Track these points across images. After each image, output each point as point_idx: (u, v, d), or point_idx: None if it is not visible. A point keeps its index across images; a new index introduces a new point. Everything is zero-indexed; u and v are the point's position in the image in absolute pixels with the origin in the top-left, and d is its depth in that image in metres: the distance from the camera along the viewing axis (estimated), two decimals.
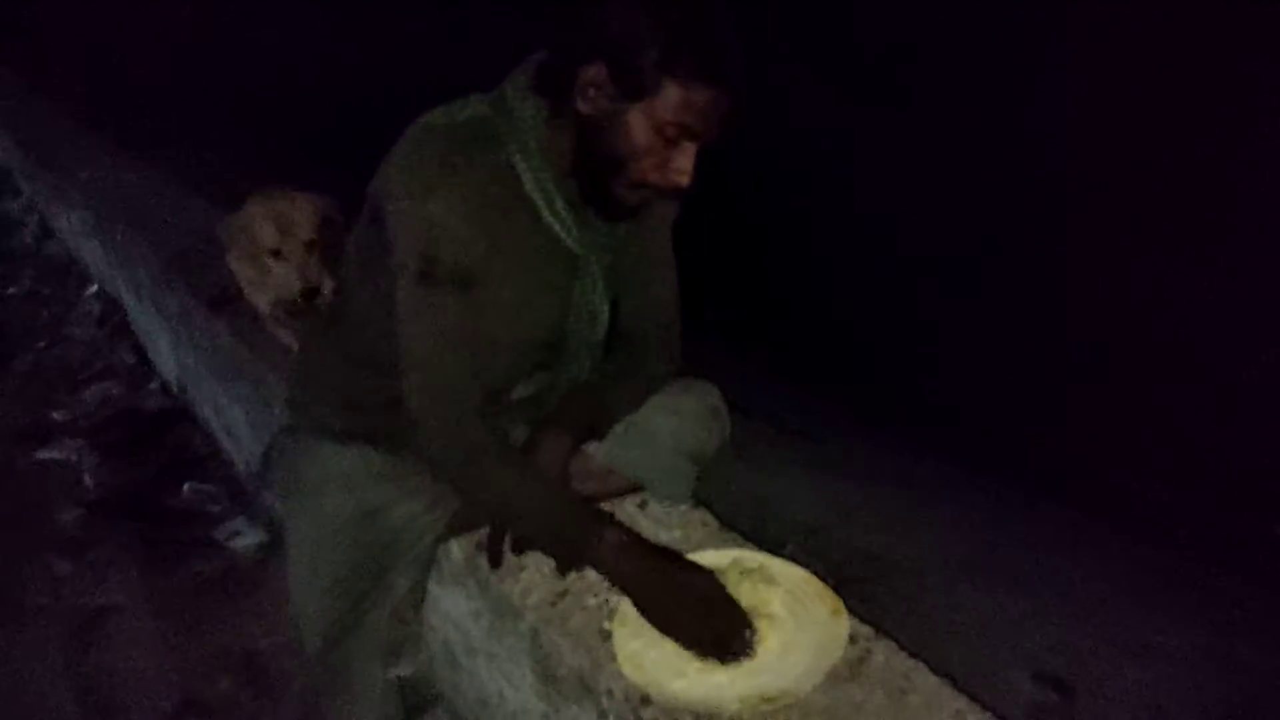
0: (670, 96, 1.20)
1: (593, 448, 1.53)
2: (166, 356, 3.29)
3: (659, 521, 1.58)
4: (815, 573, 1.42)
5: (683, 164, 1.26)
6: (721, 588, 1.33)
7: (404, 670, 1.60)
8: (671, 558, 1.36)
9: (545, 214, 1.35)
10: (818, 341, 4.12)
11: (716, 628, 1.28)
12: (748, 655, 1.27)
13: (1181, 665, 2.25)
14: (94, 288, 4.09)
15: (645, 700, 1.23)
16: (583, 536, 1.34)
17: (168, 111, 5.64)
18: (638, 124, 1.23)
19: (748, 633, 1.29)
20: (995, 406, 3.50)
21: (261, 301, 2.21)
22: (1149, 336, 3.79)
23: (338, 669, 1.54)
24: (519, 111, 1.32)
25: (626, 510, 1.61)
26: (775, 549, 1.54)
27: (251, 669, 2.21)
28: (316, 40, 7.60)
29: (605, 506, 1.59)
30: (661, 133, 1.23)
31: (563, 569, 1.45)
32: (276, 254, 2.07)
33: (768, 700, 1.20)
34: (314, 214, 2.07)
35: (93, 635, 2.33)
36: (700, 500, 1.66)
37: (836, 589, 1.40)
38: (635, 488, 1.61)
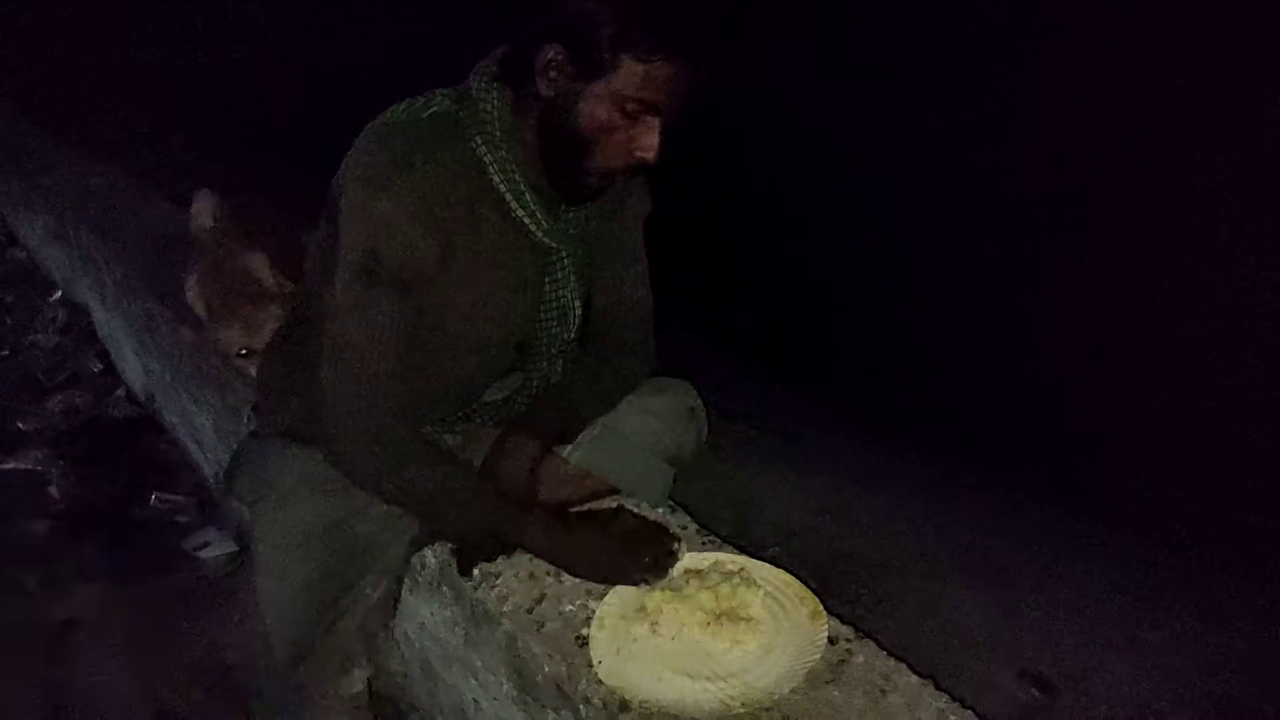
0: (628, 72, 1.20)
1: (566, 452, 1.51)
2: (132, 364, 3.23)
3: None
4: (797, 574, 1.41)
5: (647, 140, 1.25)
6: (636, 519, 1.41)
7: (356, 688, 1.57)
8: (584, 517, 1.44)
9: (513, 206, 1.33)
10: (800, 341, 4.13)
11: (644, 554, 1.35)
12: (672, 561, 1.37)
13: (1166, 659, 2.25)
14: (58, 294, 4.01)
15: (624, 706, 1.21)
16: (512, 526, 1.36)
17: (131, 114, 5.56)
18: (598, 102, 1.22)
19: (676, 545, 1.39)
20: (979, 404, 3.51)
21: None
22: (1131, 331, 3.81)
23: (306, 679, 1.50)
24: (483, 102, 1.30)
25: None
26: (758, 551, 1.52)
27: (224, 680, 2.16)
28: (283, 39, 7.54)
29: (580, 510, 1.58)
30: (623, 109, 1.22)
31: (472, 562, 1.45)
32: (247, 354, 2.03)
33: (747, 703, 1.18)
34: (279, 315, 2.01)
35: (61, 649, 2.27)
36: (679, 503, 1.63)
37: (818, 590, 1.38)
38: (611, 491, 1.58)
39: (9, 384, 3.48)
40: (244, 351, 1.96)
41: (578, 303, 1.47)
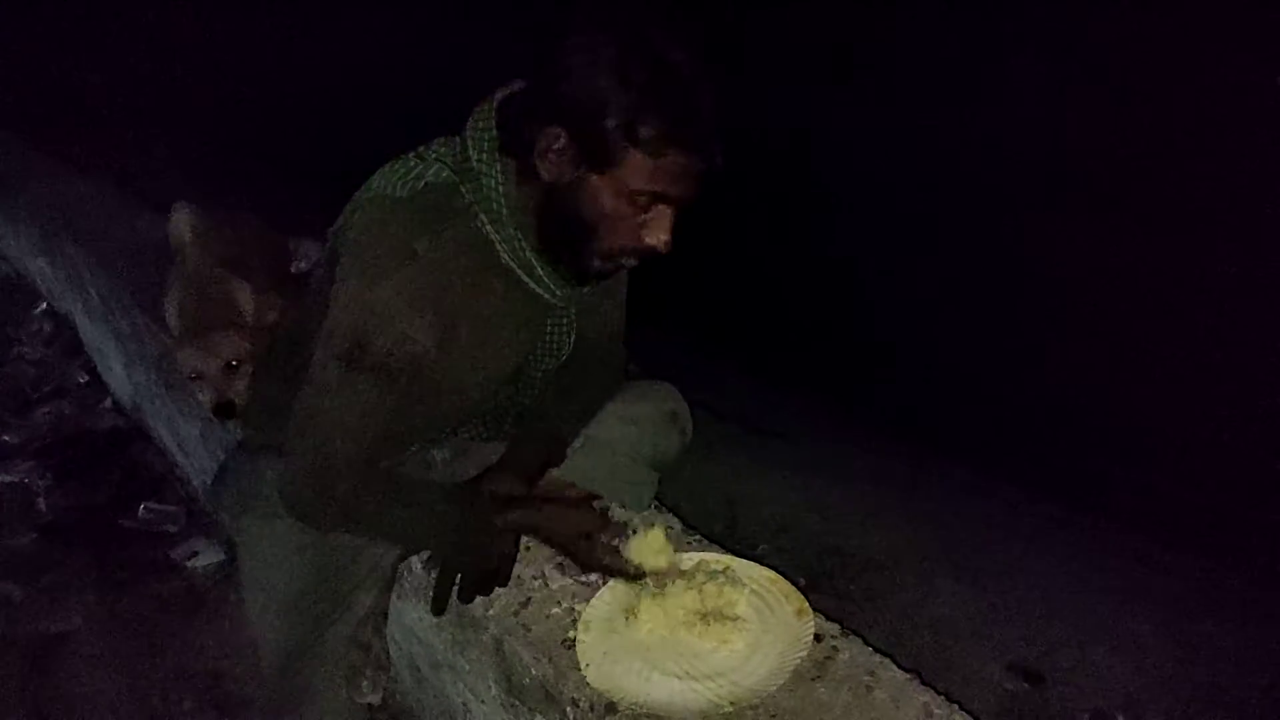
0: (637, 165, 1.13)
1: None
2: (119, 375, 3.22)
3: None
4: (787, 571, 1.41)
5: (659, 230, 1.19)
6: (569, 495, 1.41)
7: (372, 698, 1.56)
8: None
9: (524, 279, 1.28)
10: (789, 339, 4.13)
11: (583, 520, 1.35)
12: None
13: (1152, 650, 2.27)
14: (43, 306, 3.99)
15: (611, 708, 1.21)
16: (482, 514, 1.34)
17: (114, 123, 5.54)
18: (604, 193, 1.16)
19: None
20: (966, 401, 3.52)
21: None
22: (1116, 325, 3.83)
23: (297, 689, 1.50)
24: (485, 177, 1.23)
25: None
26: (748, 549, 1.53)
27: (214, 690, 2.16)
28: (267, 47, 7.52)
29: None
30: (633, 201, 1.16)
31: (473, 590, 1.41)
32: (196, 378, 1.98)
33: (734, 702, 1.19)
34: (241, 345, 1.97)
35: (50, 661, 2.26)
36: (667, 503, 1.64)
37: (807, 587, 1.39)
38: (593, 498, 1.58)
39: None
40: (195, 375, 1.92)
41: (572, 338, 1.44)
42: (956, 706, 1.20)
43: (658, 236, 1.20)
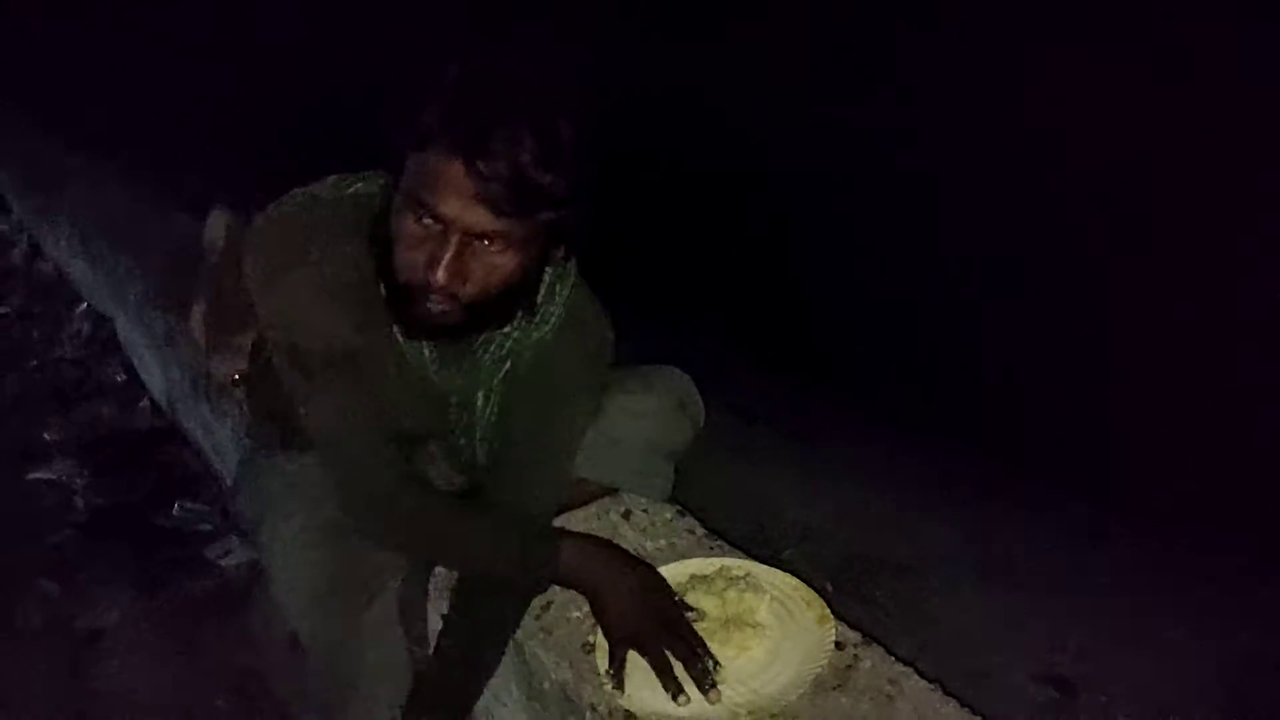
0: (411, 164, 1.04)
1: None
2: (155, 375, 3.27)
3: (644, 531, 1.56)
4: (814, 576, 1.40)
5: (434, 253, 1.04)
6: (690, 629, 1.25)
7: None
8: (629, 558, 1.32)
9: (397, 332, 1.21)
10: (815, 341, 4.10)
11: (679, 645, 1.22)
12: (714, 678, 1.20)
13: (1185, 657, 2.23)
14: (84, 306, 4.07)
15: (629, 715, 1.21)
16: (543, 559, 1.30)
17: (152, 126, 5.63)
18: (399, 205, 1.07)
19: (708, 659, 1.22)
20: (997, 403, 3.47)
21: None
22: (1152, 326, 3.77)
23: (348, 678, 1.49)
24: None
25: (610, 520, 1.58)
26: (774, 555, 1.52)
27: (247, 687, 2.18)
28: (308, 50, 7.59)
29: (588, 511, 1.58)
30: (416, 216, 1.04)
31: (530, 595, 1.41)
32: (239, 379, 1.99)
33: (754, 711, 1.18)
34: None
35: (86, 657, 2.30)
36: (689, 506, 1.63)
37: (833, 593, 1.38)
38: (608, 491, 1.57)
39: (35, 395, 3.54)
40: (237, 378, 1.94)
41: (483, 448, 1.37)
42: (980, 718, 1.18)
43: (431, 263, 1.04)
